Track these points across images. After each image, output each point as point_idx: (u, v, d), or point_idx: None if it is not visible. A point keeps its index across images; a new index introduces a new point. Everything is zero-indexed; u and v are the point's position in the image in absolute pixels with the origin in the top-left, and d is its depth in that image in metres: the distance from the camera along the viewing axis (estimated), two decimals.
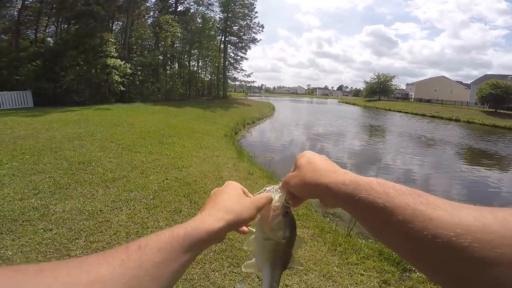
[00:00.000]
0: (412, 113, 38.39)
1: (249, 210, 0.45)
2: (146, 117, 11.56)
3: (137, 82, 20.37)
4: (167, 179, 4.65)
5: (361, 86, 73.61)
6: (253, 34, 34.58)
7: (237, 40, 34.85)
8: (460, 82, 62.62)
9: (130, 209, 3.49)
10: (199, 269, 2.58)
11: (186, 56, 29.34)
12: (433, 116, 35.47)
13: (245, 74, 36.98)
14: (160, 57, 24.63)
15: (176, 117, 12.58)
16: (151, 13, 26.12)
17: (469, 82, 55.58)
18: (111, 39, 17.65)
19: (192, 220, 0.39)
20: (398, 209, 0.31)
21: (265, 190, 0.54)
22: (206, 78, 35.05)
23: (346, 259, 3.05)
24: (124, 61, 17.92)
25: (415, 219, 0.30)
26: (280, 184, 0.53)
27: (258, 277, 2.52)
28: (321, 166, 0.45)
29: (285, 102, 51.19)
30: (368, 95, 65.24)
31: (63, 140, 6.49)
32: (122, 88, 17.69)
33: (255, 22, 33.70)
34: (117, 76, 16.94)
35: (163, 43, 23.89)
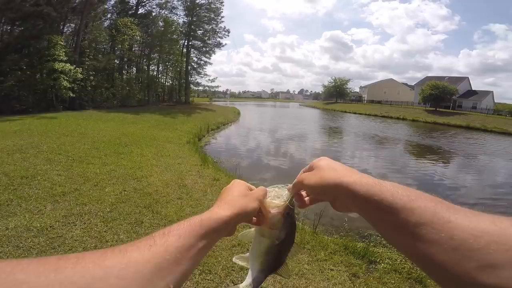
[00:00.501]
0: (365, 114, 41.51)
1: (251, 202, 0.48)
2: (99, 126, 10.79)
3: (89, 88, 18.93)
4: (125, 190, 4.42)
5: (320, 89, 77.69)
6: (218, 39, 34.32)
7: (201, 45, 34.25)
8: (406, 84, 69.31)
9: (85, 223, 3.29)
10: None
11: (145, 60, 28.05)
12: (383, 116, 38.77)
13: (209, 79, 36.47)
14: (116, 61, 23.22)
15: (133, 124, 11.95)
16: (109, 16, 24.52)
17: (413, 84, 61.83)
18: (60, 42, 16.19)
19: (205, 213, 0.43)
20: (418, 210, 0.32)
21: (274, 188, 0.55)
22: (167, 83, 33.81)
23: (315, 256, 3.17)
24: (74, 66, 16.57)
25: (434, 221, 0.30)
26: (289, 185, 0.53)
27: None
28: (341, 168, 0.46)
29: (250, 106, 51.76)
30: (326, 98, 69.06)
31: (0, 153, 5.78)
32: (71, 95, 16.29)
33: (221, 27, 33.54)
34: (65, 82, 15.57)
35: (120, 46, 22.57)
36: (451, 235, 0.28)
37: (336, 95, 65.57)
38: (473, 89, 51.31)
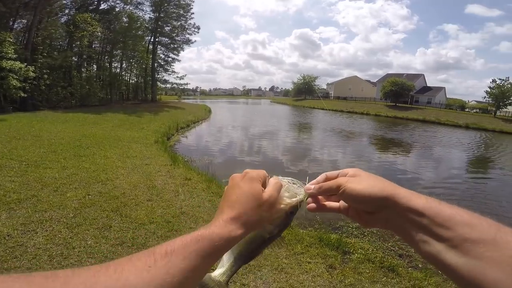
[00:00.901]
0: (332, 110, 43.27)
1: (266, 214, 0.43)
2: (56, 127, 9.93)
3: (43, 87, 17.31)
4: (89, 194, 4.16)
5: (289, 86, 79.17)
6: (187, 35, 33.15)
7: (169, 41, 32.88)
8: (369, 81, 73.32)
9: (47, 230, 3.09)
10: None
11: (107, 57, 26.29)
12: (349, 112, 40.75)
13: (177, 76, 35.22)
14: (74, 58, 21.46)
15: (95, 125, 11.18)
16: (67, 11, 22.41)
17: (375, 81, 65.68)
18: (8, 39, 14.55)
19: (215, 227, 0.37)
20: (480, 227, 0.32)
21: (284, 180, 0.50)
22: (131, 81, 32.06)
23: (292, 249, 3.23)
24: (25, 64, 15.03)
25: (497, 238, 0.30)
26: (307, 184, 0.49)
27: None
28: (386, 180, 0.42)
29: (222, 104, 51.13)
30: (295, 94, 70.69)
31: None
32: (22, 94, 14.77)
33: (190, 23, 32.39)
34: (15, 81, 14.06)
35: (78, 43, 20.89)
36: (511, 254, 0.28)
37: (305, 92, 67.40)
38: (428, 85, 55.93)
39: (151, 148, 8.01)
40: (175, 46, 33.36)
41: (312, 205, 0.49)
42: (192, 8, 31.81)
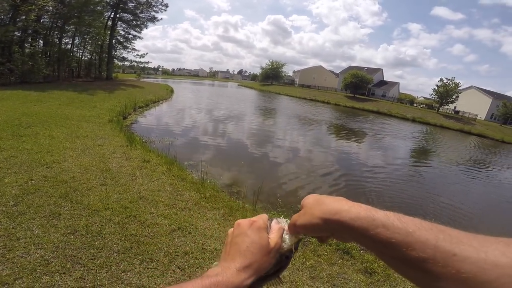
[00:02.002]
0: (296, 97, 44.34)
1: (272, 259, 0.46)
2: None
3: None
4: (31, 179, 3.70)
5: (258, 71, 78.48)
6: (153, 13, 30.31)
7: (132, 18, 29.85)
8: (332, 72, 76.24)
9: None
10: (106, 272, 2.27)
11: (57, 32, 23.06)
12: (311, 100, 42.18)
13: (137, 54, 32.45)
14: (16, 33, 18.49)
15: (38, 102, 9.87)
16: None
17: (338, 72, 68.52)
18: None
19: (230, 273, 0.40)
20: (419, 245, 0.30)
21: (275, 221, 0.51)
22: (84, 58, 28.77)
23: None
24: None
25: (437, 256, 0.29)
26: (286, 226, 0.50)
27: None
28: (329, 201, 0.42)
29: (186, 85, 48.71)
30: (263, 79, 70.61)
31: None
32: None
33: (158, 0, 29.63)
34: None
35: (24, 17, 17.93)
36: (459, 269, 0.27)
37: (272, 78, 67.72)
38: (384, 79, 60.10)
39: (104, 128, 7.38)
40: (138, 23, 30.51)
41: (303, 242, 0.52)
42: None
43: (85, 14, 22.97)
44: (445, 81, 37.41)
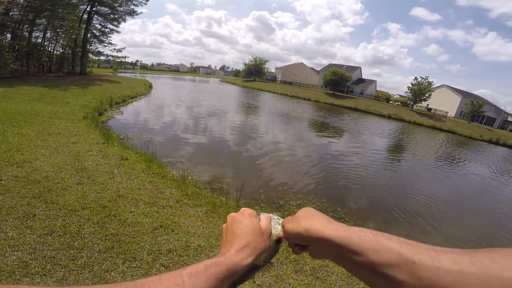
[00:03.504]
0: (278, 93, 44.64)
1: (266, 241, 0.50)
2: None
3: None
4: (1, 180, 3.50)
5: (241, 67, 77.90)
6: (132, 6, 28.96)
7: (109, 11, 28.37)
8: (313, 69, 77.28)
9: None
10: (88, 272, 2.21)
11: (26, 26, 21.44)
12: (293, 96, 42.70)
13: (114, 49, 31.01)
14: None
15: (5, 99, 9.21)
16: None
17: (319, 69, 69.62)
18: None
19: (230, 255, 0.44)
20: (385, 251, 0.34)
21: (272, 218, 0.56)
22: (56, 52, 27.06)
23: None
24: None
25: (401, 262, 0.32)
26: (281, 219, 0.55)
27: None
28: (317, 216, 0.45)
29: (165, 80, 47.35)
30: (246, 75, 70.25)
31: None
32: None
33: None
34: None
35: None
36: (419, 276, 0.31)
37: (255, 74, 67.56)
38: (362, 77, 61.96)
39: (78, 125, 7.06)
40: (116, 16, 29.06)
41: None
42: None
43: (59, 7, 21.62)
44: (419, 79, 39.28)
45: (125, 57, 33.68)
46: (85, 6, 26.34)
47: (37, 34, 23.67)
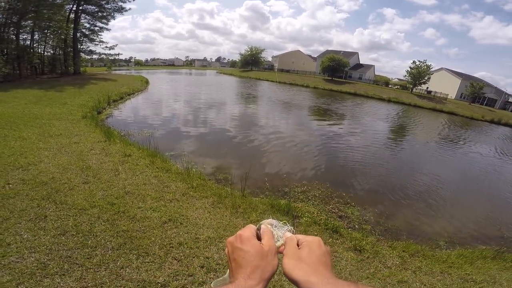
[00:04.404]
0: (276, 81, 44.20)
1: (273, 262, 0.49)
2: None
3: None
4: (8, 183, 3.52)
5: (237, 57, 76.78)
6: (120, 3, 28.33)
7: (97, 9, 27.78)
8: (310, 56, 76.23)
9: None
10: (104, 270, 2.25)
11: (12, 28, 21.01)
12: (291, 84, 42.29)
13: (106, 47, 30.54)
14: None
15: (1, 103, 9.09)
16: None
17: (316, 56, 68.64)
18: None
19: (238, 284, 0.43)
20: None
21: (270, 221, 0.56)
22: (47, 53, 26.68)
23: (248, 218, 3.34)
24: None
25: None
26: (289, 226, 0.57)
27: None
28: (312, 261, 0.47)
29: (161, 75, 46.82)
30: (242, 66, 69.39)
31: None
32: None
33: None
34: None
35: None
36: None
37: (251, 63, 66.77)
38: (360, 62, 61.14)
39: (78, 124, 7.03)
40: (105, 14, 28.45)
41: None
42: None
43: (43, 8, 21.12)
44: (417, 63, 38.85)
45: (118, 54, 33.31)
46: (71, 6, 25.80)
47: (24, 36, 23.26)
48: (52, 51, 27.35)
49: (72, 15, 26.40)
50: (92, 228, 2.78)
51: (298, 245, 0.51)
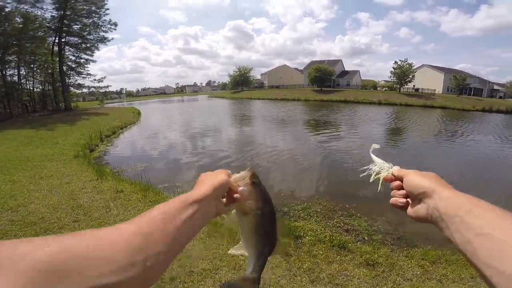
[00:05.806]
0: (268, 99, 44.91)
1: (218, 175, 0.57)
2: None
3: None
4: None
5: (226, 79, 78.46)
6: (102, 33, 28.99)
7: (80, 41, 28.40)
8: (297, 69, 77.98)
9: None
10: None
11: None
12: (282, 99, 42.93)
13: (94, 79, 30.97)
14: None
15: None
16: None
17: (302, 68, 70.31)
18: None
19: (189, 192, 0.50)
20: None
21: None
22: (36, 89, 26.92)
23: None
24: None
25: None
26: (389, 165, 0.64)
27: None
28: (432, 177, 0.54)
29: (153, 104, 47.35)
30: (233, 87, 70.61)
31: None
32: None
33: (105, 20, 28.21)
34: None
35: None
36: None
37: (241, 84, 67.93)
38: (345, 69, 62.69)
39: (70, 165, 6.92)
40: (88, 45, 29.04)
41: (390, 176, 0.63)
42: (106, 3, 27.82)
43: (25, 41, 21.48)
44: (399, 63, 39.94)
45: (107, 86, 33.86)
46: (53, 38, 26.27)
47: (10, 72, 23.46)
48: (41, 87, 27.51)
49: (56, 48, 26.73)
50: None
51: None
